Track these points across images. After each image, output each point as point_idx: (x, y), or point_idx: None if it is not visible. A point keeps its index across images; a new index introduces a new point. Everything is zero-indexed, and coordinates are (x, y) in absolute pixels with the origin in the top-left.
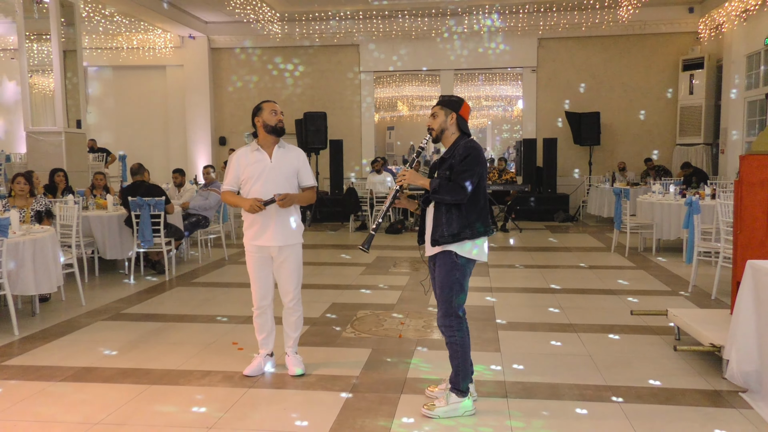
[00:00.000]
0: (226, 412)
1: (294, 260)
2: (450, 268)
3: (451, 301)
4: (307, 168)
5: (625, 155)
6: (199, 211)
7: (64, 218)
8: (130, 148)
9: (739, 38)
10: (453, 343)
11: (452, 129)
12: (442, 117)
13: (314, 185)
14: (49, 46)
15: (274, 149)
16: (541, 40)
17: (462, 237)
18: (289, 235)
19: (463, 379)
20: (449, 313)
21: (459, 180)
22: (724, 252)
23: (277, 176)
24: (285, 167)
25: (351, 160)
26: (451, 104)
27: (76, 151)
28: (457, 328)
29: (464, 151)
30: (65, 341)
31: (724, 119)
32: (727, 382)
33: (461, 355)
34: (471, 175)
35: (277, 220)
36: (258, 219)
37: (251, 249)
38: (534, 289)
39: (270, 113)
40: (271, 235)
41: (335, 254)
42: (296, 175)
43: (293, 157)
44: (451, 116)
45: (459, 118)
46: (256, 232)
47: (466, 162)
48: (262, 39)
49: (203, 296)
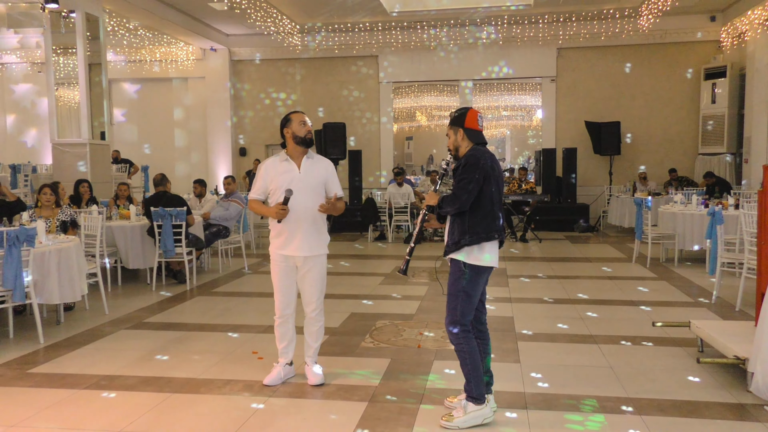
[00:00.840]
0: (246, 421)
1: (318, 270)
2: (457, 277)
3: (456, 309)
4: (335, 178)
5: (646, 165)
6: (219, 221)
7: (88, 228)
8: (152, 159)
9: (762, 46)
10: (461, 350)
11: (464, 144)
12: (452, 136)
13: (342, 195)
14: (74, 60)
15: (302, 160)
16: (561, 50)
17: (461, 244)
18: (315, 246)
19: (476, 386)
20: (454, 321)
21: (456, 189)
22: (748, 263)
23: (305, 186)
24: (313, 178)
25: (369, 171)
26: (456, 120)
27: (100, 162)
28: (462, 336)
29: (465, 160)
30: (89, 349)
31: (748, 128)
32: (752, 396)
33: (470, 362)
34: (468, 183)
35: (304, 230)
36: (285, 229)
37: (277, 258)
38: (554, 300)
39: (299, 124)
40: (298, 245)
41: (354, 264)
42: (324, 186)
43: (322, 168)
44: (459, 133)
45: (466, 131)
46: (282, 242)
47: (462, 171)
48: (282, 51)
49: (223, 306)
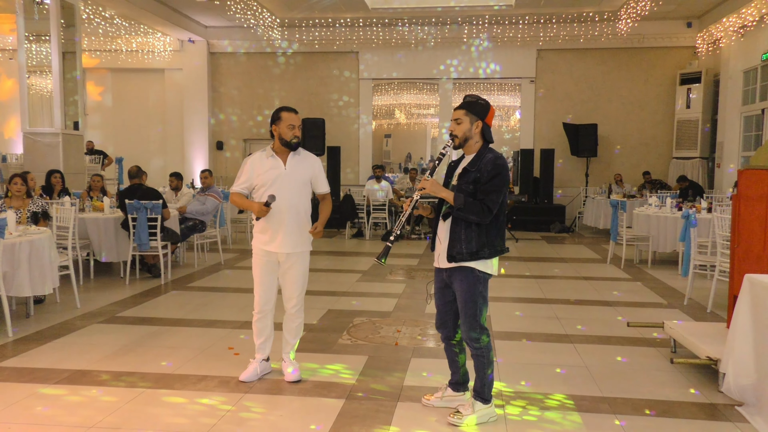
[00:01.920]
0: (221, 417)
1: (300, 267)
2: (472, 282)
3: (476, 315)
4: (322, 175)
5: (622, 167)
6: (196, 215)
7: (60, 220)
8: (127, 151)
9: (736, 53)
10: (479, 355)
11: (476, 138)
12: (467, 124)
13: (328, 192)
14: (48, 47)
15: (289, 156)
16: (540, 52)
17: (480, 256)
18: (298, 243)
19: (489, 389)
20: (474, 326)
21: (487, 201)
22: (720, 265)
23: (291, 183)
24: (299, 175)
25: (348, 167)
26: (478, 110)
27: (73, 152)
28: (485, 340)
29: (493, 170)
30: (60, 343)
31: (721, 133)
32: (723, 396)
33: (486, 366)
34: (498, 196)
35: (288, 227)
36: (269, 225)
37: (259, 252)
38: (530, 300)
39: (287, 128)
40: (281, 241)
41: (332, 261)
42: (310, 183)
43: (308, 165)
44: (476, 124)
45: (485, 126)
46: (266, 238)
47: (494, 182)
48: (262, 44)
49: (199, 300)
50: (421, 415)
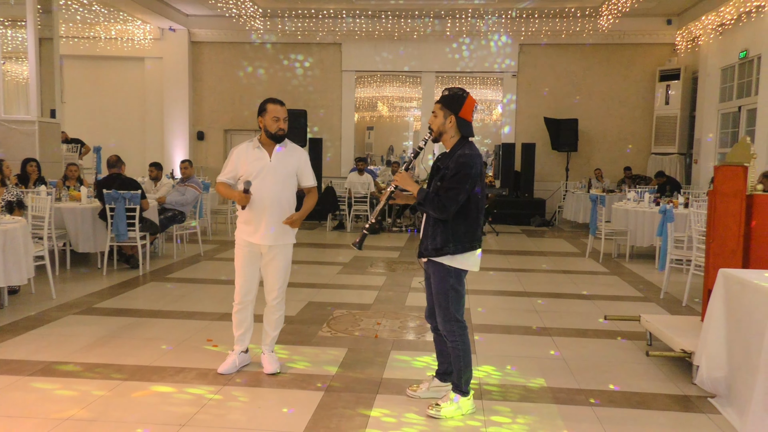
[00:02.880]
0: (199, 409)
1: (283, 259)
2: (443, 275)
3: (448, 307)
4: (308, 168)
5: (602, 162)
6: (175, 206)
7: (36, 209)
8: (105, 140)
9: (714, 51)
10: (456, 347)
11: (451, 132)
12: (441, 118)
13: (314, 185)
14: (24, 33)
15: (275, 148)
16: (523, 46)
17: (444, 252)
18: (280, 236)
19: (466, 382)
20: (449, 318)
21: (444, 198)
22: (696, 260)
23: (275, 176)
24: (285, 167)
25: (330, 159)
26: (452, 104)
27: (50, 141)
28: (459, 332)
29: (456, 167)
30: (34, 335)
31: (698, 130)
32: (696, 388)
33: (464, 357)
34: (457, 194)
35: (270, 219)
36: (252, 218)
37: (242, 243)
38: (509, 293)
39: (272, 120)
40: (263, 233)
41: (312, 253)
42: (296, 175)
43: (294, 157)
44: (450, 119)
45: (459, 120)
46: (249, 229)
47: (454, 179)
48: (243, 34)
49: (178, 292)
50: (401, 407)
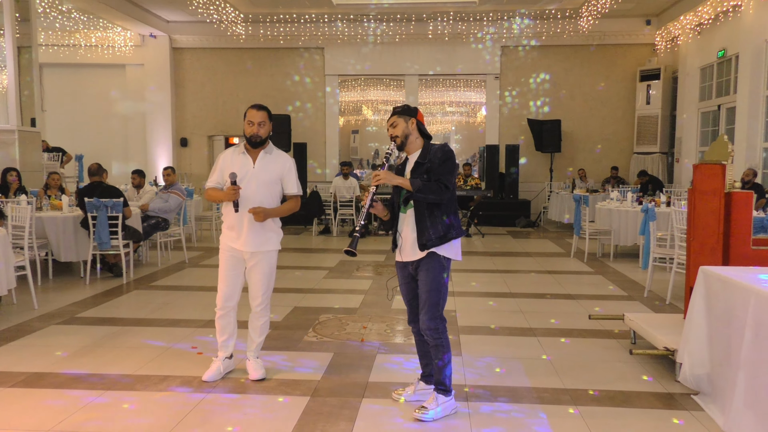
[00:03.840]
0: (184, 417)
1: (266, 266)
2: (439, 271)
3: (439, 303)
4: (291, 175)
5: (585, 162)
6: (158, 213)
7: (16, 219)
8: (87, 148)
9: (693, 51)
10: (439, 344)
11: (415, 134)
12: (402, 124)
13: (297, 194)
14: (2, 42)
15: (259, 154)
16: (504, 48)
17: (449, 237)
18: (263, 242)
19: (449, 378)
20: (435, 316)
21: (443, 180)
22: (678, 258)
23: (257, 182)
24: (268, 173)
25: (315, 164)
26: (408, 111)
27: (30, 150)
28: (443, 330)
29: (443, 155)
30: (16, 345)
31: (679, 129)
32: (680, 385)
33: (446, 356)
34: (451, 177)
35: (251, 226)
36: (235, 223)
37: (225, 248)
38: (495, 294)
39: (248, 124)
40: (245, 239)
41: (298, 258)
42: (279, 182)
43: (278, 164)
44: (411, 121)
45: (418, 122)
46: (232, 235)
47: (447, 165)
48: (225, 40)
49: (162, 300)
50: (387, 411)
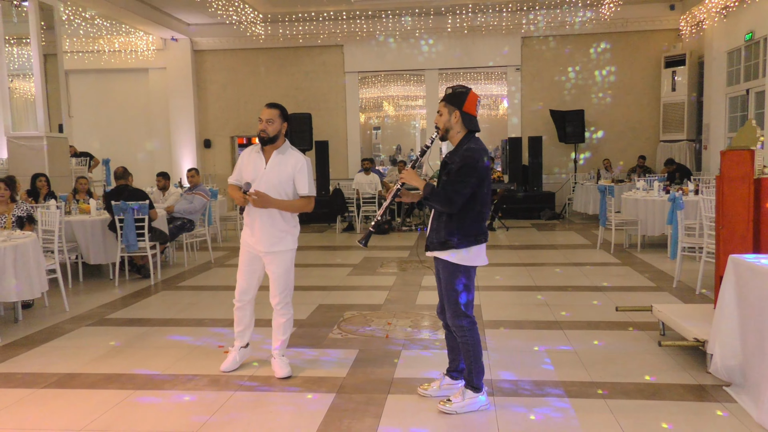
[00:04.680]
0: (211, 415)
1: (281, 266)
2: (451, 271)
3: (457, 302)
4: (303, 176)
5: (610, 152)
6: (184, 214)
7: (46, 223)
8: (113, 152)
9: (719, 35)
10: (465, 342)
11: (457, 128)
12: (446, 115)
13: (309, 194)
14: (29, 50)
15: (272, 154)
16: (525, 39)
17: (448, 246)
18: (275, 242)
19: (477, 377)
20: (458, 314)
21: (449, 191)
22: (707, 247)
23: (267, 182)
24: (277, 174)
25: (337, 161)
26: (454, 100)
27: (58, 155)
28: (468, 328)
29: (461, 161)
30: (48, 347)
31: (707, 115)
32: (711, 377)
33: (473, 354)
34: (463, 187)
35: (262, 226)
36: (250, 222)
37: (243, 243)
38: (520, 287)
39: (258, 121)
40: (258, 238)
41: (322, 255)
42: (291, 183)
43: (289, 164)
44: (454, 114)
45: (463, 115)
46: (249, 232)
47: (460, 173)
48: (245, 41)
49: (189, 300)
50: (412, 406)
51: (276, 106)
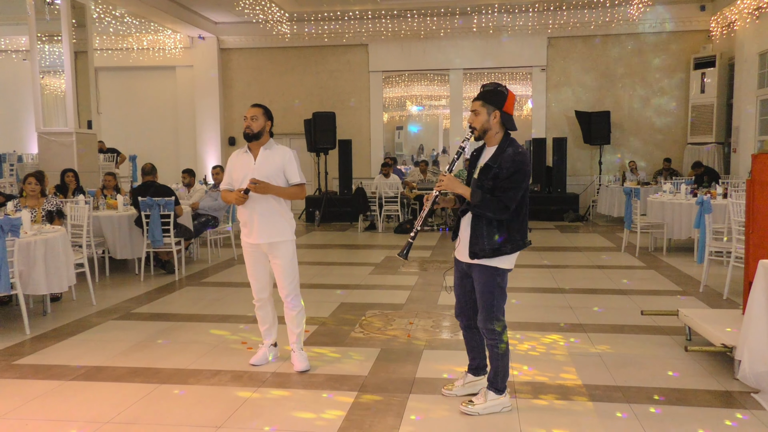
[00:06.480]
0: (235, 411)
1: (285, 256)
2: (491, 275)
3: (493, 306)
4: (292, 165)
5: (636, 155)
6: (208, 211)
7: (74, 218)
8: (139, 148)
9: (751, 36)
10: (494, 345)
11: (496, 128)
12: (484, 116)
13: (301, 182)
14: (60, 47)
15: (260, 151)
16: (551, 39)
17: (502, 252)
18: (275, 233)
19: (502, 380)
20: (491, 317)
21: (504, 198)
22: (735, 252)
23: (260, 176)
24: (268, 167)
25: (360, 161)
26: (495, 100)
27: (87, 151)
28: (500, 332)
29: (512, 166)
30: (76, 340)
31: (737, 118)
32: (738, 383)
33: (501, 357)
34: (517, 193)
35: (260, 218)
36: (246, 219)
37: (245, 245)
38: (544, 289)
39: (243, 119)
40: (257, 232)
41: (344, 254)
42: (282, 174)
43: (277, 157)
44: (494, 114)
45: (503, 115)
46: (246, 231)
47: (513, 179)
48: (271, 39)
49: (212, 296)
50: (434, 406)
51: (260, 106)
